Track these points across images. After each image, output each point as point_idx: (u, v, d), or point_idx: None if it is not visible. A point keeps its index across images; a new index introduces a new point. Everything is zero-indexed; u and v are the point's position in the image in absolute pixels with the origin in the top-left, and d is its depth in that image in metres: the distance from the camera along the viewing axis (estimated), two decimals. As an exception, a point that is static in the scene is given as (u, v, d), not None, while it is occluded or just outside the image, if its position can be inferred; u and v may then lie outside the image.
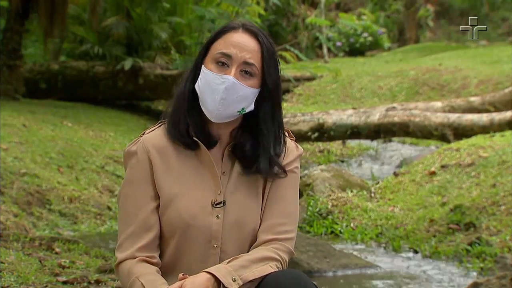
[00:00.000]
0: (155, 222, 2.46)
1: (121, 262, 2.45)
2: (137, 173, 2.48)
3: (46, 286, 4.15)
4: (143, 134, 2.54)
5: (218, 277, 2.31)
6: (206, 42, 2.51)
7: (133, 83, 12.41)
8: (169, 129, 2.49)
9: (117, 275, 2.48)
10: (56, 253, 4.98)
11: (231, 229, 2.46)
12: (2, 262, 4.44)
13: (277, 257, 2.42)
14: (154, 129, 2.54)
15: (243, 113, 2.47)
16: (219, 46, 2.46)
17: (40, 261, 4.62)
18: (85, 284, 4.24)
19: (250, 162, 2.48)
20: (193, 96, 2.49)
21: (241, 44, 2.45)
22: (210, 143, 2.48)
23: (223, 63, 2.44)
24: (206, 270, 2.34)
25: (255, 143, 2.49)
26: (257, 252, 2.42)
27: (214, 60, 2.45)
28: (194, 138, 2.47)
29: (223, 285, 2.31)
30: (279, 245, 2.46)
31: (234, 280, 2.33)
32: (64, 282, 4.23)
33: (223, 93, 2.42)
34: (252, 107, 2.47)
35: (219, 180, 2.47)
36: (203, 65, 2.47)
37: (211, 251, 2.44)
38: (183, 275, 2.35)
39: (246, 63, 2.44)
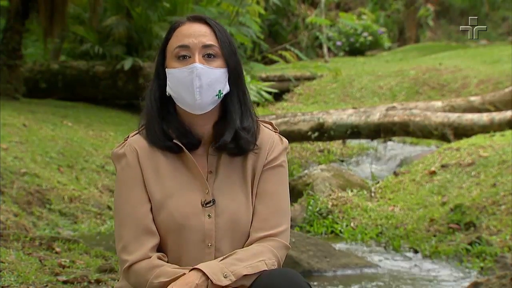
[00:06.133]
0: (153, 224, 2.47)
1: (134, 263, 2.43)
2: (129, 174, 2.50)
3: (46, 285, 4.15)
4: (128, 137, 2.55)
5: (207, 273, 2.31)
6: (159, 48, 2.53)
7: (133, 82, 12.39)
8: (150, 139, 2.50)
9: (129, 276, 2.45)
10: (56, 252, 4.98)
11: (224, 227, 2.46)
12: (2, 262, 4.44)
13: (271, 254, 2.42)
14: (137, 133, 2.55)
15: (222, 96, 2.47)
16: (174, 43, 2.48)
17: (40, 261, 4.62)
18: (85, 283, 4.24)
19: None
20: (164, 103, 2.51)
21: (194, 31, 2.47)
22: (193, 144, 2.49)
23: (184, 56, 2.46)
24: (196, 266, 2.35)
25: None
26: (252, 249, 2.42)
27: (175, 57, 2.47)
28: (175, 141, 2.47)
29: (212, 281, 2.31)
30: (273, 242, 2.45)
31: (226, 277, 2.32)
32: (64, 282, 4.23)
33: (196, 81, 2.43)
34: (227, 88, 2.48)
35: (205, 179, 2.47)
36: (166, 69, 2.49)
37: (206, 250, 2.44)
38: None
39: (205, 46, 2.46)
